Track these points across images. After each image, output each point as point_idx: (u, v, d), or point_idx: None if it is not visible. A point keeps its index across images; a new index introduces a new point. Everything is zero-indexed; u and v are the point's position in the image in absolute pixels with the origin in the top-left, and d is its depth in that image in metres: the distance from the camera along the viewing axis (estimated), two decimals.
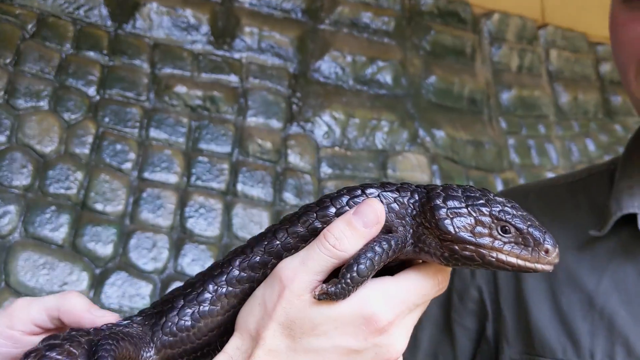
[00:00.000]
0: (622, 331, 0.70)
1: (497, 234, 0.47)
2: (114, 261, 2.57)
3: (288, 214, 0.56)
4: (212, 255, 2.73)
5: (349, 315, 0.46)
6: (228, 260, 0.53)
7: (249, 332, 0.48)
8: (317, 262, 0.47)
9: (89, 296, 2.48)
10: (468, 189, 0.50)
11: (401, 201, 0.51)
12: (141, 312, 0.55)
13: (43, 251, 2.45)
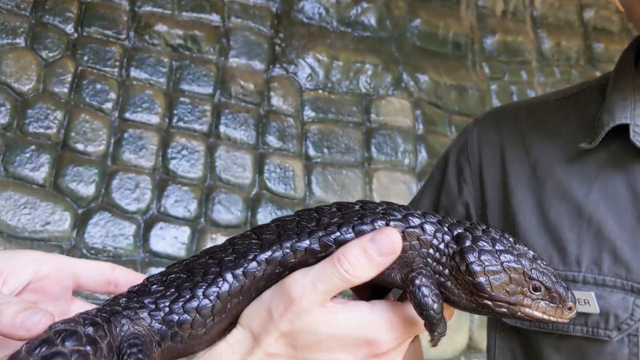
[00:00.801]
0: (609, 238, 0.70)
1: (528, 292, 0.49)
2: (96, 201, 2.56)
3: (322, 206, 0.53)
4: (195, 197, 2.73)
5: (354, 337, 0.47)
6: (242, 253, 0.49)
7: (251, 331, 0.48)
8: (327, 285, 0.46)
9: (72, 236, 2.48)
10: (497, 240, 0.49)
11: (425, 241, 0.50)
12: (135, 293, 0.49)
13: (24, 191, 2.43)
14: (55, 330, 0.43)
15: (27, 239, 2.40)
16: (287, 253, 0.48)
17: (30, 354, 0.41)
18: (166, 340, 0.47)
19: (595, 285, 0.70)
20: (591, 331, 0.69)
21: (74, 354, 0.41)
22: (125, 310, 0.47)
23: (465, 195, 0.85)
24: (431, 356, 3.25)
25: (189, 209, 2.72)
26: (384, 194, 3.25)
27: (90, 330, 0.43)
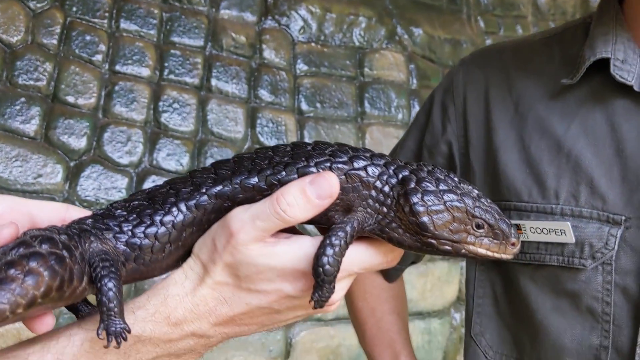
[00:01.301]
0: (587, 172, 0.72)
1: (471, 230, 0.50)
2: (88, 154, 2.55)
3: (279, 145, 0.54)
4: (187, 150, 2.73)
5: (293, 269, 0.49)
6: (197, 185, 0.51)
7: (201, 260, 0.51)
8: (265, 222, 0.48)
9: (64, 189, 2.48)
10: (442, 180, 0.50)
11: (368, 183, 0.50)
12: (100, 216, 0.51)
13: (15, 143, 2.42)
14: (31, 235, 0.45)
15: (19, 191, 2.40)
16: (235, 189, 0.50)
17: (7, 253, 0.43)
18: (130, 262, 0.50)
19: (572, 217, 0.72)
20: (567, 260, 0.71)
21: (51, 256, 0.43)
22: (93, 229, 0.49)
23: (449, 134, 0.86)
24: (420, 308, 3.31)
25: (181, 162, 2.72)
26: (377, 149, 3.24)
27: (65, 238, 0.45)
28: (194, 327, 0.50)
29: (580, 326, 0.71)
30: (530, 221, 0.74)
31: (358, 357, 3.16)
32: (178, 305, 0.50)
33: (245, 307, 0.50)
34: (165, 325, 0.50)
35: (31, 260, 0.42)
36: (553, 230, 0.71)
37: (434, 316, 3.39)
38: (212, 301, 0.50)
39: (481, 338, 0.80)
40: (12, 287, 0.41)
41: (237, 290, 0.50)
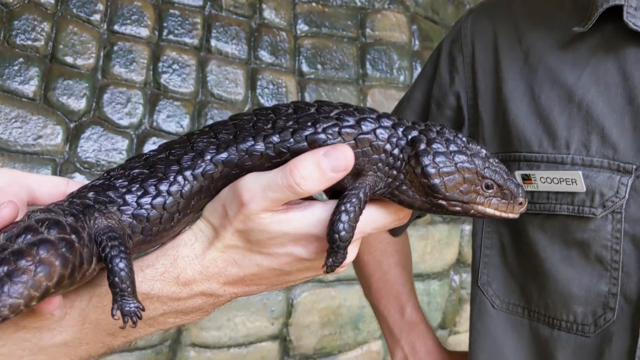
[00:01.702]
0: (598, 121, 0.71)
1: (481, 190, 0.50)
2: (88, 116, 2.54)
3: (279, 105, 0.52)
4: (187, 112, 2.71)
5: (306, 234, 0.49)
6: (200, 152, 0.49)
7: (212, 224, 0.51)
8: (277, 193, 0.47)
9: (64, 150, 2.47)
10: (451, 141, 0.50)
11: (378, 147, 0.50)
12: (100, 187, 0.49)
13: (14, 104, 2.40)
14: (37, 219, 0.42)
15: (19, 153, 2.40)
16: (243, 156, 0.49)
17: (13, 240, 0.40)
18: (137, 234, 0.48)
19: (583, 166, 0.71)
20: (577, 209, 0.71)
21: (61, 242, 0.41)
22: (96, 204, 0.47)
23: (457, 85, 0.85)
24: (420, 270, 3.34)
25: (182, 124, 2.71)
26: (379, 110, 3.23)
27: (71, 220, 0.43)
28: (203, 287, 0.50)
29: (588, 274, 0.71)
30: (540, 171, 0.74)
31: (359, 318, 3.20)
32: (187, 266, 0.50)
33: (255, 269, 0.50)
34: (174, 284, 0.50)
35: (41, 249, 0.40)
36: (564, 180, 0.71)
37: (434, 278, 3.42)
38: (221, 263, 0.50)
39: (488, 288, 0.80)
40: (24, 280, 0.39)
41: (248, 253, 0.50)
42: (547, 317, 0.75)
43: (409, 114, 0.92)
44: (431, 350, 0.95)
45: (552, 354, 0.74)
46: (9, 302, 0.38)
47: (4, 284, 0.38)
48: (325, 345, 3.10)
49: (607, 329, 0.70)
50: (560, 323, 0.74)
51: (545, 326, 0.75)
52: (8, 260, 0.39)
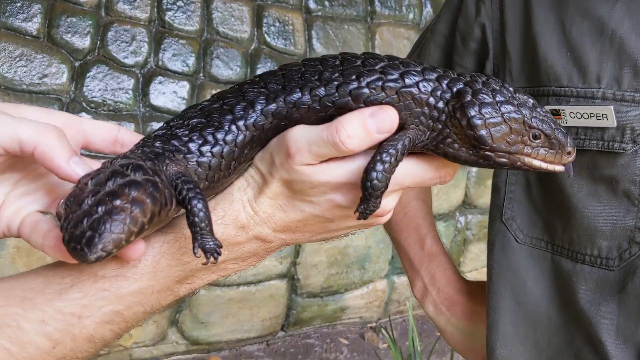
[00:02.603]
0: (631, 54, 0.69)
1: (528, 141, 0.49)
2: (93, 54, 2.50)
3: (327, 57, 0.52)
4: (193, 51, 2.66)
5: (345, 182, 0.51)
6: (250, 102, 0.51)
7: (261, 171, 0.53)
8: (321, 149, 0.49)
9: (70, 90, 2.45)
10: (498, 91, 0.49)
11: (420, 100, 0.49)
12: (163, 137, 0.51)
13: (18, 42, 2.36)
14: (120, 164, 0.45)
15: (25, 92, 2.37)
16: (291, 108, 0.50)
17: (103, 184, 0.43)
18: (202, 180, 0.51)
19: (614, 101, 0.70)
20: (607, 144, 0.70)
21: (147, 183, 0.44)
22: (166, 152, 0.49)
23: (483, 17, 0.83)
24: None
25: (187, 63, 2.67)
26: (386, 50, 3.18)
27: (150, 164, 0.46)
28: (256, 231, 0.53)
29: (615, 209, 0.71)
30: (569, 106, 0.72)
31: (365, 258, 3.24)
32: (242, 210, 0.52)
33: (299, 215, 0.53)
34: (233, 227, 0.52)
35: (132, 189, 0.43)
36: (594, 115, 0.70)
37: (440, 219, 3.45)
38: (269, 208, 0.52)
39: (512, 222, 0.80)
40: (122, 217, 0.42)
41: (292, 199, 0.52)
42: (570, 251, 0.75)
43: (432, 47, 0.90)
44: (450, 280, 0.96)
45: (574, 287, 0.75)
46: (112, 237, 0.41)
47: (105, 221, 0.41)
48: (332, 284, 3.16)
49: (631, 262, 0.71)
50: (584, 257, 0.74)
51: (568, 260, 0.76)
52: (105, 201, 0.42)
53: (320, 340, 3.24)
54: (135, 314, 0.52)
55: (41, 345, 0.48)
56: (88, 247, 0.41)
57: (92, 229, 0.41)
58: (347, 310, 3.29)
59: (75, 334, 0.49)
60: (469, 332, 0.94)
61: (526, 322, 0.81)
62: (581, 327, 0.75)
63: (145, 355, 2.84)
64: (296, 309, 3.12)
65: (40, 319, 0.47)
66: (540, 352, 0.80)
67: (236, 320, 2.94)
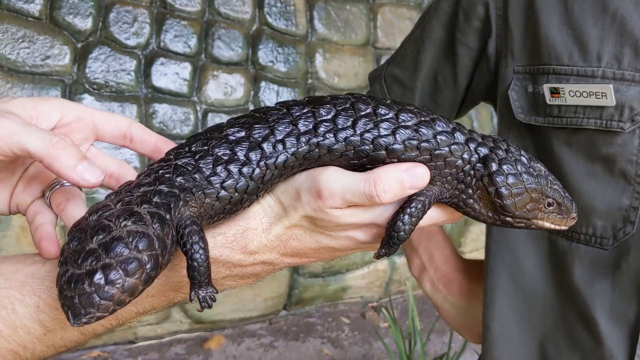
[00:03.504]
0: (632, 33, 0.69)
1: (543, 208, 0.54)
2: (95, 35, 2.50)
3: (358, 100, 0.53)
4: (195, 32, 2.66)
5: (368, 222, 0.53)
6: (281, 141, 0.51)
7: (282, 203, 0.54)
8: (355, 198, 0.50)
9: (72, 71, 2.45)
10: (519, 161, 0.53)
11: (451, 163, 0.52)
12: (185, 169, 0.50)
13: (20, 24, 2.36)
14: (128, 230, 0.44)
15: (27, 73, 2.38)
16: (324, 154, 0.51)
17: (105, 249, 0.42)
18: (219, 215, 0.51)
19: (614, 80, 0.70)
20: (605, 123, 0.71)
21: (149, 259, 0.44)
22: (182, 193, 0.49)
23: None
24: None
25: (189, 44, 2.67)
26: (388, 31, 3.17)
27: (159, 231, 0.45)
28: (264, 257, 0.54)
29: (612, 189, 0.72)
30: (569, 85, 0.73)
31: None
32: (255, 238, 0.53)
33: (314, 244, 0.54)
34: (240, 253, 0.53)
35: (129, 266, 0.43)
36: (593, 94, 0.71)
37: None
38: (285, 237, 0.54)
39: None
40: (113, 295, 0.42)
41: (311, 232, 0.54)
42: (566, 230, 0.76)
43: (435, 24, 0.89)
44: (448, 258, 0.98)
45: (569, 265, 0.76)
46: (97, 314, 0.42)
47: (93, 300, 0.41)
48: (333, 264, 3.19)
49: (625, 242, 0.72)
50: (579, 236, 0.75)
51: (563, 239, 0.77)
52: (98, 273, 0.42)
53: (322, 319, 3.27)
54: (128, 313, 0.54)
55: (33, 331, 0.49)
56: (73, 315, 0.42)
57: (81, 301, 0.41)
58: (348, 290, 3.32)
59: (67, 324, 0.50)
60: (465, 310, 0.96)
61: (522, 299, 0.82)
62: (575, 304, 0.76)
63: (149, 334, 2.88)
64: (298, 289, 3.15)
65: (36, 304, 0.49)
66: (534, 328, 0.81)
67: (239, 300, 2.98)
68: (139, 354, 2.83)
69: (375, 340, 3.08)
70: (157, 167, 0.50)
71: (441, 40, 0.89)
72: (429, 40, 0.90)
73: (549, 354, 0.80)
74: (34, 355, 0.50)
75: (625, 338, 0.72)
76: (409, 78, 0.93)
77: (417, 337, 2.60)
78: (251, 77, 2.82)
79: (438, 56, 0.90)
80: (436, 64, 0.90)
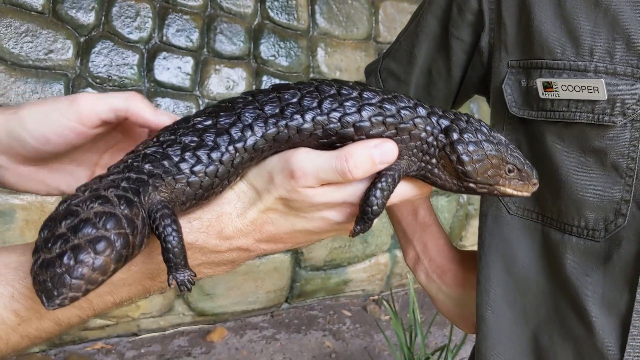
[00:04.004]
0: (624, 27, 0.70)
1: (504, 174, 0.56)
2: (97, 30, 2.51)
3: (322, 84, 0.55)
4: (197, 26, 2.67)
5: (341, 201, 0.54)
6: (249, 125, 0.53)
7: (254, 187, 0.54)
8: (328, 176, 0.51)
9: (75, 65, 2.47)
10: (479, 130, 0.55)
11: (416, 135, 0.55)
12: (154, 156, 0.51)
13: (23, 18, 2.37)
14: (95, 212, 0.45)
15: (31, 67, 2.39)
16: (293, 134, 0.53)
17: (73, 232, 0.44)
18: (190, 200, 0.51)
19: (606, 74, 0.71)
20: (597, 117, 0.72)
21: (117, 237, 0.44)
22: (151, 179, 0.49)
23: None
24: None
25: (191, 38, 2.68)
26: (390, 25, 3.18)
27: (127, 211, 0.46)
28: (240, 242, 0.55)
29: (603, 181, 0.73)
30: (562, 79, 0.74)
31: (368, 232, 3.28)
32: (229, 222, 0.54)
33: (289, 228, 0.55)
34: (216, 238, 0.54)
35: (98, 245, 0.43)
36: (585, 88, 0.72)
37: (442, 194, 3.47)
38: (259, 221, 0.54)
39: None
40: (84, 274, 0.42)
41: (285, 215, 0.54)
42: (559, 222, 0.78)
43: (429, 17, 0.90)
44: (442, 249, 0.99)
45: (561, 257, 0.77)
46: (69, 295, 0.42)
47: (64, 280, 0.42)
48: (335, 258, 3.20)
49: (616, 234, 0.73)
50: (571, 228, 0.76)
51: (556, 231, 0.78)
52: (68, 255, 0.43)
53: (323, 312, 3.29)
54: (104, 302, 0.54)
55: (7, 320, 0.50)
56: (47, 298, 0.42)
57: (53, 283, 0.42)
58: (349, 283, 3.34)
59: (42, 314, 0.51)
60: (459, 300, 0.97)
61: (515, 290, 0.84)
62: (567, 295, 0.77)
63: (152, 326, 2.90)
64: (300, 282, 3.17)
65: (10, 294, 0.49)
66: (528, 318, 0.83)
67: (241, 293, 3.00)
68: (142, 345, 2.85)
69: (376, 333, 3.10)
70: (126, 158, 0.51)
71: (435, 34, 0.90)
72: (423, 34, 0.91)
73: (542, 343, 0.81)
74: (8, 346, 0.51)
75: (616, 328, 0.73)
76: (403, 72, 0.95)
77: (418, 330, 2.62)
78: (253, 71, 2.83)
79: (432, 50, 0.91)
80: (430, 58, 0.91)
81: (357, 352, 2.95)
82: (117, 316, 2.76)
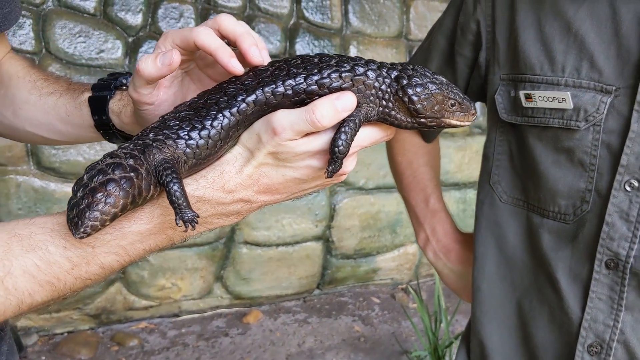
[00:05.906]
0: (589, 49, 0.84)
1: (447, 107, 0.66)
2: (144, 30, 2.69)
3: (288, 58, 0.66)
4: None
5: (319, 149, 0.64)
6: (233, 95, 0.64)
7: (248, 148, 0.65)
8: (302, 127, 0.62)
9: (124, 63, 2.66)
10: (424, 75, 0.65)
11: (370, 84, 0.64)
12: (157, 128, 0.63)
13: (77, 20, 2.57)
14: (107, 163, 0.59)
15: (84, 66, 2.59)
16: (269, 96, 0.64)
17: (91, 180, 0.58)
18: (190, 159, 0.63)
19: (574, 87, 0.85)
20: (565, 122, 0.87)
21: (122, 179, 0.58)
22: (154, 142, 0.62)
23: (478, 13, 0.98)
24: (457, 179, 3.47)
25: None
26: (420, 23, 3.29)
27: (131, 162, 0.59)
28: (241, 194, 0.65)
29: (572, 175, 0.87)
30: (539, 91, 0.88)
31: (396, 223, 3.41)
32: (230, 178, 0.64)
33: (282, 178, 0.65)
34: (220, 191, 0.65)
35: (108, 186, 0.56)
36: (556, 99, 0.86)
37: (470, 187, 3.58)
38: (255, 175, 0.65)
39: (498, 186, 0.98)
40: (99, 208, 0.55)
41: (276, 167, 0.65)
42: (539, 208, 0.92)
43: (439, 37, 1.07)
44: (448, 232, 1.15)
45: (540, 236, 0.92)
46: (90, 223, 0.55)
47: (85, 212, 0.55)
48: (364, 247, 3.34)
49: (582, 217, 0.87)
50: (548, 213, 0.91)
51: (537, 215, 0.92)
52: (87, 196, 0.56)
53: (353, 298, 3.43)
54: (137, 250, 0.64)
55: (63, 266, 0.61)
56: (75, 229, 0.55)
57: (78, 216, 0.55)
58: (379, 272, 3.47)
59: (89, 260, 0.62)
60: (461, 274, 1.13)
61: (505, 265, 0.98)
62: (544, 268, 0.91)
63: (192, 308, 3.09)
64: (331, 269, 3.31)
65: (63, 245, 0.61)
66: (515, 288, 0.97)
67: (275, 278, 3.16)
68: (182, 326, 3.04)
69: (404, 320, 3.22)
70: (135, 139, 0.64)
71: (444, 51, 1.07)
72: (434, 51, 1.09)
73: (525, 308, 0.96)
74: (66, 286, 0.62)
75: (580, 293, 0.87)
76: None
77: (443, 317, 2.74)
78: None
79: (441, 64, 1.07)
80: (440, 70, 1.08)
81: (385, 336, 3.09)
82: (160, 297, 2.96)
